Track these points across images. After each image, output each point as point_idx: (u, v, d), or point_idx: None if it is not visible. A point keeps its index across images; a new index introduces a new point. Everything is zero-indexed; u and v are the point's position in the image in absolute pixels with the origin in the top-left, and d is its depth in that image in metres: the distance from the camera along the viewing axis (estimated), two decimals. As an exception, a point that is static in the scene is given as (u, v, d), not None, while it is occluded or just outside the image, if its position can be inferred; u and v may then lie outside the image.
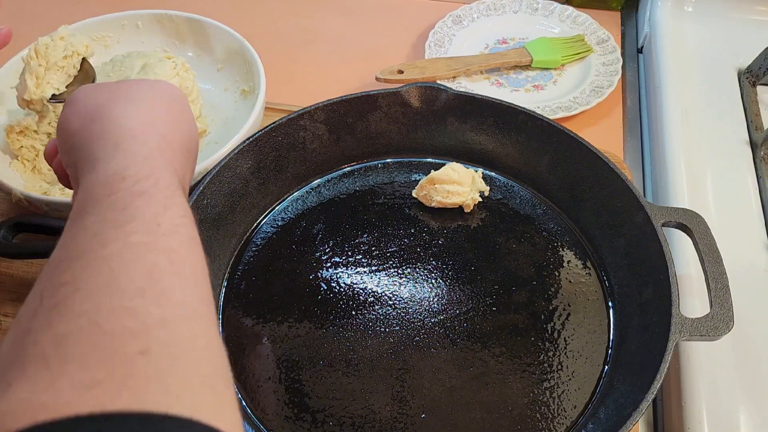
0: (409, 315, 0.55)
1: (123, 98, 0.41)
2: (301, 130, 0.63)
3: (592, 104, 0.73)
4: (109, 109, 0.40)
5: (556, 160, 0.62)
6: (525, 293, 0.57)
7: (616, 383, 0.50)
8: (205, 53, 0.76)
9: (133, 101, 0.41)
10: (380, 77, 0.74)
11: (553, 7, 0.86)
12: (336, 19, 0.90)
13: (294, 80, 0.81)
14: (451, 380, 0.51)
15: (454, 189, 0.61)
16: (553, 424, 0.49)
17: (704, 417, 0.50)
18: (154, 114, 0.41)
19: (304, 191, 0.65)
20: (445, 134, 0.66)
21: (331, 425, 0.49)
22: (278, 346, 0.54)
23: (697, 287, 0.56)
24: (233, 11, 0.91)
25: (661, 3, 0.84)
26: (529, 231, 0.61)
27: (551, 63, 0.79)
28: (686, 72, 0.76)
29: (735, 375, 0.52)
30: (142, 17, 0.76)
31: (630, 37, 0.89)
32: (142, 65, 0.65)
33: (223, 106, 0.73)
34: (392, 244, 0.61)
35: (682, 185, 0.65)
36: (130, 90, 0.42)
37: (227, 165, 0.59)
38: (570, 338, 0.54)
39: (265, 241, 0.61)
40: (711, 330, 0.47)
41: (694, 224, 0.53)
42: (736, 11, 0.83)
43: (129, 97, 0.41)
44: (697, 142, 0.69)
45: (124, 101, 0.41)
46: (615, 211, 0.58)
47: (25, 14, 0.91)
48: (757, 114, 0.72)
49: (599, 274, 0.58)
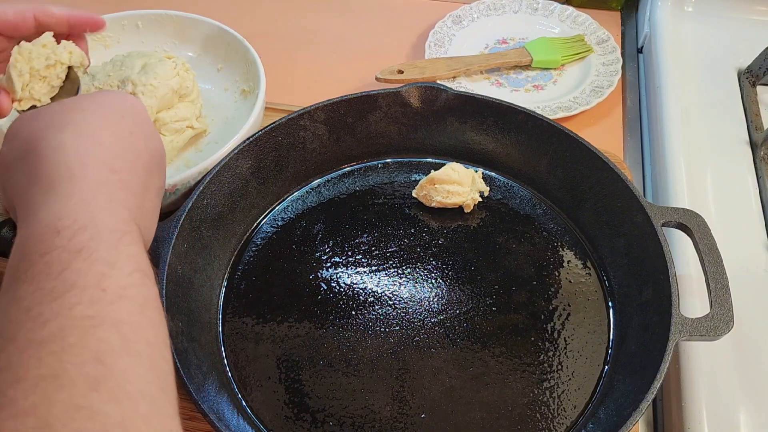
0: (409, 315, 0.55)
1: (59, 125, 0.35)
2: (301, 130, 0.63)
3: (592, 104, 0.73)
4: (44, 140, 0.34)
5: (556, 160, 0.62)
6: (525, 293, 0.57)
7: (616, 383, 0.50)
8: (205, 53, 0.76)
9: (72, 128, 0.35)
10: (380, 77, 0.74)
11: (553, 7, 0.86)
12: (336, 19, 0.90)
13: (294, 80, 0.81)
14: (451, 380, 0.51)
15: (454, 189, 0.61)
16: (553, 424, 0.49)
17: (704, 417, 0.50)
18: (97, 140, 0.35)
19: (304, 191, 0.65)
20: (445, 134, 0.66)
21: (331, 425, 0.49)
22: (278, 346, 0.54)
23: (697, 287, 0.56)
24: (233, 11, 0.91)
25: (661, 3, 0.84)
26: (529, 231, 0.61)
27: (551, 63, 0.79)
28: (686, 72, 0.76)
29: (735, 375, 0.52)
30: (142, 17, 0.76)
31: (630, 37, 0.89)
32: (142, 65, 0.65)
33: (223, 106, 0.73)
34: (392, 244, 0.61)
35: (682, 185, 0.65)
36: (69, 113, 0.36)
37: (227, 165, 0.59)
38: (570, 338, 0.54)
39: (265, 241, 0.61)
40: (711, 330, 0.47)
41: (694, 224, 0.53)
42: (736, 11, 0.83)
43: (66, 122, 0.35)
44: (697, 142, 0.69)
45: (59, 129, 0.35)
46: (615, 211, 0.58)
47: (25, 14, 0.91)
48: (757, 114, 0.72)
49: (599, 274, 0.58)
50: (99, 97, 0.39)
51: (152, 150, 0.40)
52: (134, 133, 0.38)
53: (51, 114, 0.37)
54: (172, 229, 0.53)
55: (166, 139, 0.65)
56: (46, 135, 0.34)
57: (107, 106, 0.38)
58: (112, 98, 0.39)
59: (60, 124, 0.35)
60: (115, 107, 0.38)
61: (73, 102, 0.38)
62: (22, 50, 0.54)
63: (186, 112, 0.67)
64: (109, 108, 0.38)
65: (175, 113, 0.66)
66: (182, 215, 0.54)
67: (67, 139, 0.34)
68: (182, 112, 0.66)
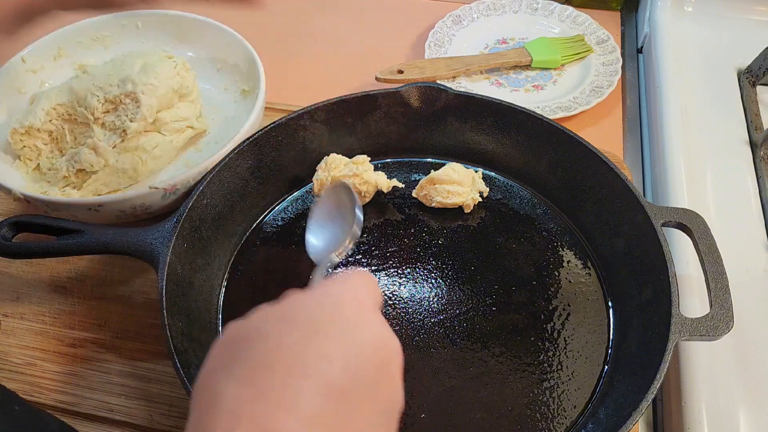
0: (409, 315, 0.55)
1: (249, 382, 0.25)
2: (301, 130, 0.63)
3: (592, 104, 0.73)
4: (220, 397, 0.25)
5: (556, 160, 0.62)
6: (525, 293, 0.57)
7: (616, 383, 0.50)
8: (205, 53, 0.76)
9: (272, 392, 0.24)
10: (380, 77, 0.74)
11: (552, 7, 0.86)
12: (336, 19, 0.90)
13: (294, 80, 0.81)
14: (451, 380, 0.51)
15: (454, 189, 0.61)
16: (553, 424, 0.49)
17: (704, 417, 0.50)
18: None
19: (304, 191, 0.65)
20: (445, 134, 0.66)
21: (331, 425, 0.49)
22: (278, 346, 0.54)
23: (697, 287, 0.56)
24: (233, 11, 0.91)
25: (661, 3, 0.84)
26: (529, 231, 0.61)
27: (551, 63, 0.79)
28: (686, 72, 0.76)
29: (735, 375, 0.52)
30: (142, 17, 0.76)
31: (630, 37, 0.89)
32: (142, 65, 0.65)
33: (223, 106, 0.73)
34: (392, 244, 0.60)
35: (682, 185, 0.65)
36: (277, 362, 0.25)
37: (227, 165, 0.59)
38: (570, 338, 0.54)
39: (265, 241, 0.61)
40: (711, 330, 0.47)
41: (694, 224, 0.53)
42: (736, 11, 0.83)
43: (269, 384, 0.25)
44: (696, 142, 0.69)
45: (248, 387, 0.25)
46: (615, 211, 0.58)
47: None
48: (757, 114, 0.72)
49: (599, 274, 0.58)
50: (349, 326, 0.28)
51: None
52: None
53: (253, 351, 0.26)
54: (172, 229, 0.53)
55: (165, 139, 0.65)
56: (226, 391, 0.25)
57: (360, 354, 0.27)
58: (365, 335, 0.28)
59: (256, 382, 0.25)
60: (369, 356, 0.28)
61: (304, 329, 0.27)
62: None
63: (186, 111, 0.67)
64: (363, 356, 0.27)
65: (175, 113, 0.66)
66: (182, 215, 0.54)
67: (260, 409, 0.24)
68: (182, 112, 0.67)
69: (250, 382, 0.25)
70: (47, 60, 0.72)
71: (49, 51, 0.72)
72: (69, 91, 0.64)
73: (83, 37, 0.74)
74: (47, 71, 0.72)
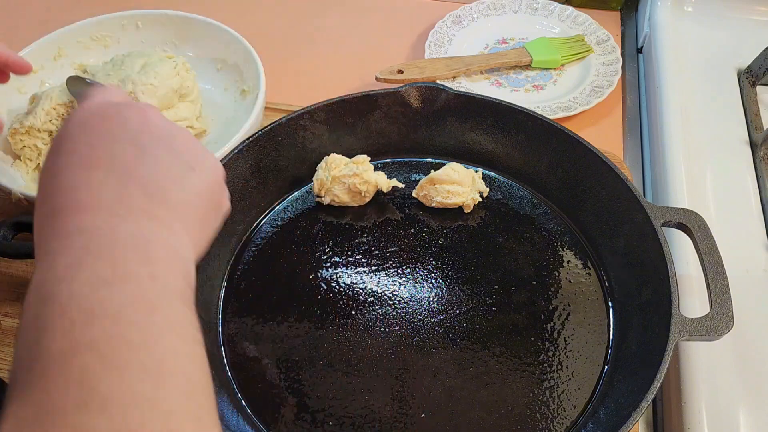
0: (409, 315, 0.55)
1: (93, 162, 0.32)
2: (301, 130, 0.63)
3: (592, 104, 0.73)
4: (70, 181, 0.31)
5: (556, 160, 0.62)
6: (525, 293, 0.57)
7: (616, 383, 0.50)
8: (205, 53, 0.76)
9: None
10: (380, 77, 0.74)
11: (552, 7, 0.86)
12: (336, 19, 0.90)
13: (294, 80, 0.81)
14: (451, 380, 0.51)
15: (454, 189, 0.61)
16: (553, 424, 0.49)
17: (704, 417, 0.50)
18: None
19: (304, 191, 0.65)
20: (445, 134, 0.66)
21: (331, 425, 0.49)
22: (278, 346, 0.54)
23: (697, 287, 0.56)
24: (233, 11, 0.91)
25: (661, 3, 0.84)
26: (529, 231, 0.61)
27: (551, 63, 0.79)
28: (686, 72, 0.76)
29: (735, 375, 0.52)
30: (142, 17, 0.76)
31: (630, 37, 0.89)
32: (142, 65, 0.65)
33: (223, 106, 0.73)
34: (392, 244, 0.61)
35: (682, 185, 0.65)
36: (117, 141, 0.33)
37: (227, 165, 0.58)
38: (570, 338, 0.54)
39: (265, 241, 0.61)
40: (711, 330, 0.47)
41: (694, 224, 0.53)
42: (736, 11, 0.83)
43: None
44: (696, 142, 0.69)
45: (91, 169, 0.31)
46: (615, 211, 0.58)
47: (25, 13, 0.91)
48: (757, 114, 0.72)
49: (599, 274, 0.58)
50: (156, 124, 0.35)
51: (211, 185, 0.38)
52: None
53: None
54: (172, 229, 0.53)
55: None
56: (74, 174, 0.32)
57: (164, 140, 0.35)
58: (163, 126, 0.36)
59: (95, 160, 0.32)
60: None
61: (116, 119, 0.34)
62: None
63: (186, 112, 0.67)
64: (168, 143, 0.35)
65: (175, 113, 0.66)
66: (182, 215, 0.54)
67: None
68: (182, 112, 0.67)
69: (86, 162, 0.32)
70: (47, 60, 0.72)
71: (49, 51, 0.72)
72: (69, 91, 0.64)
73: (83, 37, 0.74)
74: (47, 71, 0.72)
